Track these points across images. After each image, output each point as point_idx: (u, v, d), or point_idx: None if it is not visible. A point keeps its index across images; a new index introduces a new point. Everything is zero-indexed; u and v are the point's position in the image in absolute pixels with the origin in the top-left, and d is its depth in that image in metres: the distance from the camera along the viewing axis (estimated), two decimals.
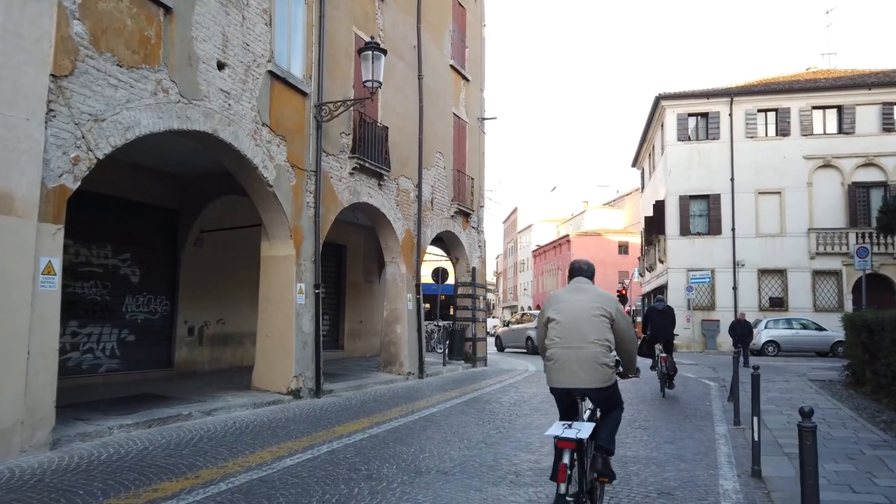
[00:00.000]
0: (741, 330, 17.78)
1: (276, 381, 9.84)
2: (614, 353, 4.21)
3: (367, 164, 11.82)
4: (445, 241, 16.94)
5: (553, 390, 4.25)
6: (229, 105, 8.53)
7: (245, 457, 6.21)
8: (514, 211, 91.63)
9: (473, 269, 17.21)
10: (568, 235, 67.71)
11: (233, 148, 8.64)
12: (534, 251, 78.75)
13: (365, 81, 9.96)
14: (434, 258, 20.81)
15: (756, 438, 5.93)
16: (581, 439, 3.66)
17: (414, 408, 9.71)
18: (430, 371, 14.69)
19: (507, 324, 27.85)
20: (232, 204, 12.01)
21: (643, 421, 9.04)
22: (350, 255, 16.97)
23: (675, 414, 9.64)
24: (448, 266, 18.52)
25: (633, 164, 41.40)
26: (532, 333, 23.90)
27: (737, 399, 8.85)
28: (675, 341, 12.66)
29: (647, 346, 14.82)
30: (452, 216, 15.93)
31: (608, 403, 4.27)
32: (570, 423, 3.92)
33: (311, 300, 10.31)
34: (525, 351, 24.34)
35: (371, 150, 12.03)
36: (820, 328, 24.34)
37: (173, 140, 9.38)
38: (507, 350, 26.03)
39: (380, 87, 10.13)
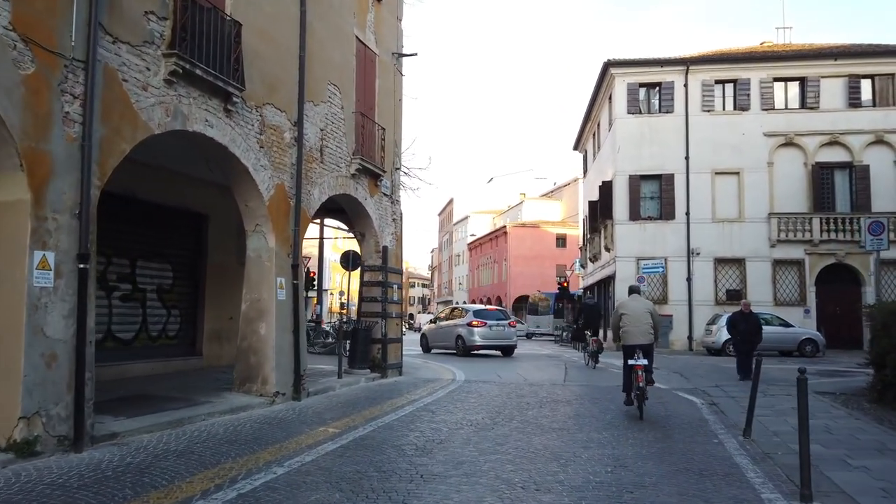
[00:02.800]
0: (745, 326, 13.00)
1: None
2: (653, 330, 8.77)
3: (197, 72, 7.51)
4: (348, 212, 12.77)
5: (625, 346, 8.72)
6: None
7: None
8: (450, 202, 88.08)
9: (385, 248, 13.10)
10: (505, 227, 64.66)
11: None
12: (469, 244, 75.44)
13: None
14: (337, 237, 16.69)
15: None
16: (645, 364, 8.35)
17: (246, 468, 5.54)
18: (317, 387, 10.50)
19: (434, 320, 23.87)
20: None
21: (638, 478, 5.23)
22: (215, 229, 12.45)
23: (681, 466, 5.88)
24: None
25: (575, 147, 38.29)
26: (462, 332, 20.06)
27: (805, 453, 5.09)
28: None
29: (580, 332, 19.04)
30: (354, 175, 11.76)
31: (649, 351, 8.66)
32: (633, 359, 8.44)
33: (73, 282, 5.96)
34: (455, 352, 20.45)
35: (209, 51, 7.73)
36: (786, 324, 21.54)
37: None
38: (434, 351, 22.07)
39: None
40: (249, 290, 9.30)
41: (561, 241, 62.41)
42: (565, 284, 32.21)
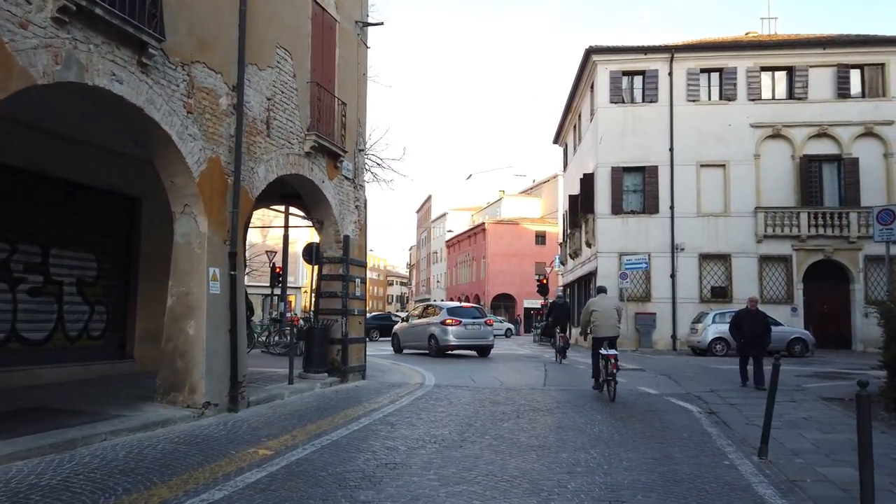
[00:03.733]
0: (752, 326, 11.15)
1: None
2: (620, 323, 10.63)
3: (98, 12, 6.11)
4: (303, 196, 11.39)
5: (595, 338, 10.30)
6: None
7: None
8: (428, 199, 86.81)
9: (346, 238, 11.75)
10: (483, 224, 63.51)
11: None
12: (448, 241, 74.21)
13: None
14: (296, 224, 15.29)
15: None
16: (615, 353, 9.62)
17: None
18: (261, 395, 9.12)
19: (405, 318, 22.55)
20: None
21: None
22: (149, 213, 10.87)
23: (692, 500, 4.66)
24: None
25: (555, 141, 37.21)
26: (436, 331, 18.77)
27: (869, 487, 3.86)
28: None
29: (550, 329, 20.16)
30: (309, 154, 10.39)
31: (614, 342, 10.15)
32: (604, 350, 9.80)
33: None
34: (428, 353, 19.16)
35: None
36: (775, 323, 20.54)
37: None
38: (406, 351, 20.76)
39: None
40: (177, 282, 7.89)
41: (540, 238, 61.46)
42: (544, 282, 31.11)
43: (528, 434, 7.21)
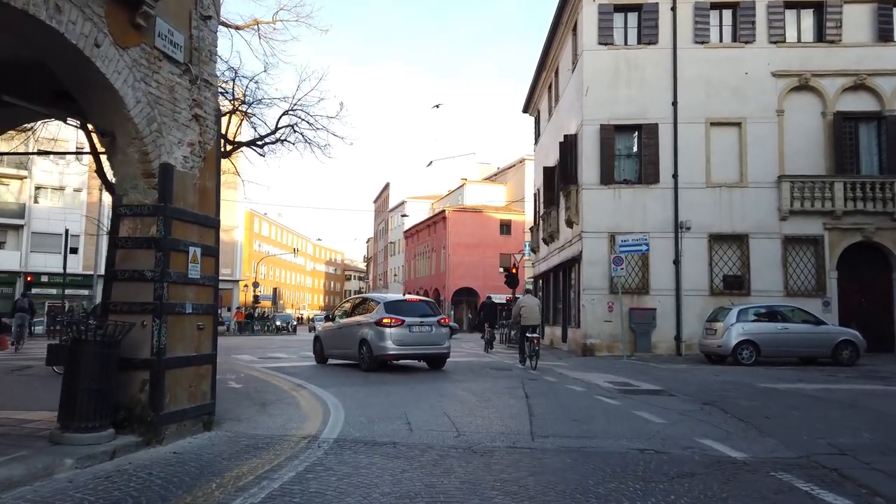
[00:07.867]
0: None
1: None
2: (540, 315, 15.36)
3: None
4: (57, 73, 5.79)
5: (523, 325, 14.37)
6: None
7: None
8: (386, 187, 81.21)
9: (165, 167, 6.22)
10: (444, 211, 58.19)
11: None
12: (406, 231, 68.77)
13: None
14: None
15: None
16: (537, 336, 14.28)
17: None
18: None
19: (330, 317, 17.00)
20: None
21: None
22: None
23: None
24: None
25: (525, 109, 32.11)
26: (369, 334, 13.32)
27: None
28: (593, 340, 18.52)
29: (480, 324, 24.79)
30: None
31: (536, 329, 14.45)
32: (529, 333, 14.23)
33: None
34: (357, 364, 13.76)
35: None
36: (815, 321, 15.86)
37: None
38: (331, 361, 15.30)
39: None
40: None
41: (505, 227, 56.59)
42: (514, 271, 26.01)
43: None
